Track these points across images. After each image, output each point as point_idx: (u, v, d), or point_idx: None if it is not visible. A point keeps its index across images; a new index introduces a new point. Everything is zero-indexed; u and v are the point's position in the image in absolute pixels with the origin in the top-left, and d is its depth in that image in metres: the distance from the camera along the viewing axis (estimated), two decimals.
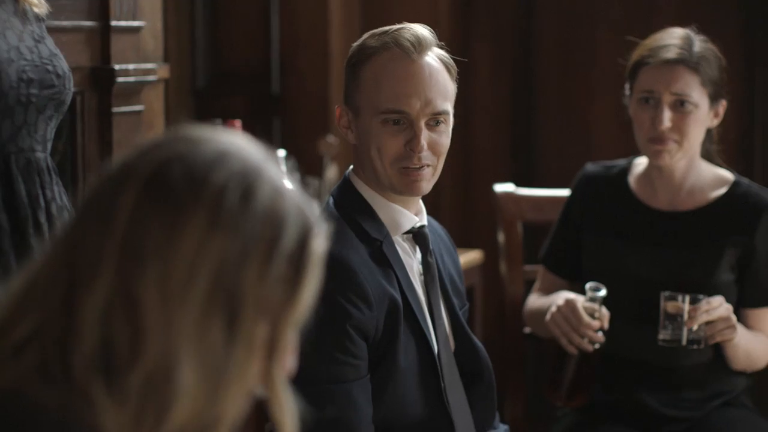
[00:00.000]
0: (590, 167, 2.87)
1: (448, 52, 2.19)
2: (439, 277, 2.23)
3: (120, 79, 2.78)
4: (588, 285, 2.61)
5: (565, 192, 2.95)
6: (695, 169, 2.74)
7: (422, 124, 2.12)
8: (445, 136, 2.16)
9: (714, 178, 2.77)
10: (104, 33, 2.78)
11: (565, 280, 2.86)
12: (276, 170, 1.19)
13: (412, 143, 2.11)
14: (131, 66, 2.82)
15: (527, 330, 3.01)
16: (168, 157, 1.16)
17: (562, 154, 4.11)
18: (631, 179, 2.80)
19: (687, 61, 2.65)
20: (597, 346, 2.59)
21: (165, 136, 1.20)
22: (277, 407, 1.19)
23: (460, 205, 4.24)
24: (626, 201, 2.78)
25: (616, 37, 4.04)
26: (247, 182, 1.16)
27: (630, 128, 2.76)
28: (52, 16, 2.32)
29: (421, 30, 2.17)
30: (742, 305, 2.73)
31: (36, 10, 2.20)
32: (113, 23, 2.78)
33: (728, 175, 2.78)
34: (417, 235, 2.20)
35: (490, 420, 2.28)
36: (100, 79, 2.74)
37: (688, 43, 2.68)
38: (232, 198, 1.14)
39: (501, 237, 3.10)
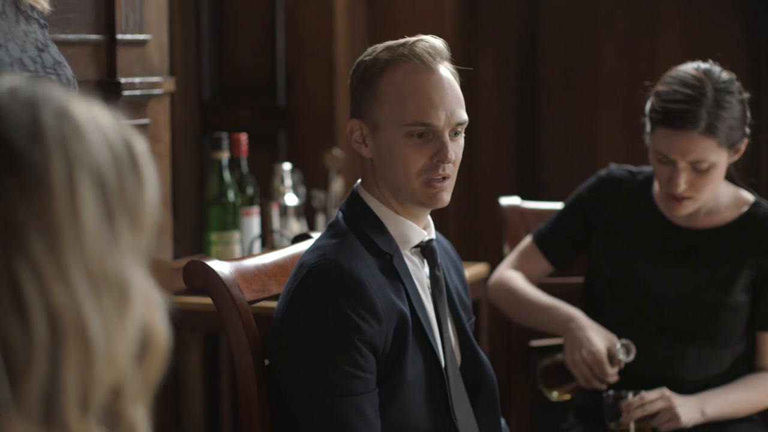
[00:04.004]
0: (615, 169, 2.84)
1: (453, 63, 2.19)
2: (447, 290, 2.23)
3: (126, 93, 2.78)
4: (619, 345, 2.63)
5: None
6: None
7: (447, 135, 2.11)
8: (461, 147, 2.16)
9: (733, 199, 2.75)
10: (110, 46, 2.78)
11: (550, 264, 2.88)
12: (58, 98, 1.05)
13: (440, 155, 2.10)
14: (137, 79, 2.83)
15: (533, 343, 3.00)
16: None
17: (568, 167, 4.10)
18: (655, 190, 2.78)
19: (701, 127, 2.56)
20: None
21: None
22: (145, 307, 1.08)
23: (465, 218, 4.24)
24: (648, 212, 2.76)
25: (620, 48, 4.05)
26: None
27: (635, 140, 2.75)
28: (58, 29, 2.32)
29: (436, 41, 2.16)
30: (755, 328, 2.73)
31: (38, 5, 2.16)
32: (119, 37, 2.79)
33: (748, 195, 2.77)
34: (425, 249, 2.20)
35: None
36: (106, 92, 2.74)
37: (701, 94, 2.57)
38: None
39: (507, 250, 3.10)
